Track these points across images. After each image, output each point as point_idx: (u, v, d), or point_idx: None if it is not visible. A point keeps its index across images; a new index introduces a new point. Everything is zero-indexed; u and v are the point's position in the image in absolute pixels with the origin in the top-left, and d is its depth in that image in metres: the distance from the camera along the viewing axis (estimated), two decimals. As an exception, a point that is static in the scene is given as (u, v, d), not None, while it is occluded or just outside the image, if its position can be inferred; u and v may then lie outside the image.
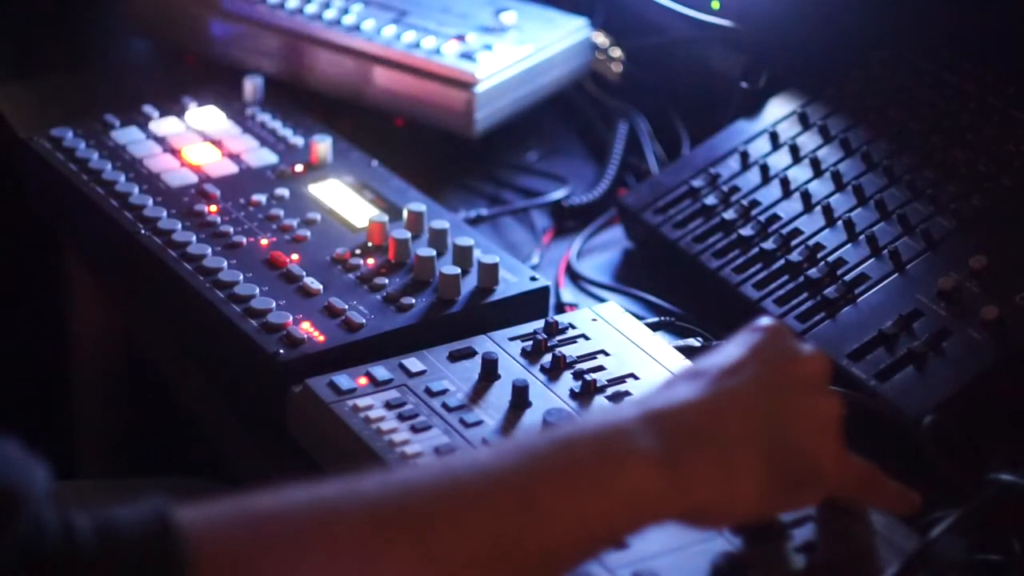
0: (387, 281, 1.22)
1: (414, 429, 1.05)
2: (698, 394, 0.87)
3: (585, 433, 0.84)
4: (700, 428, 0.86)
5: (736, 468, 0.86)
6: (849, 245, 1.25)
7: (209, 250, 1.25)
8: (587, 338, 1.16)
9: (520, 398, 1.08)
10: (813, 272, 1.23)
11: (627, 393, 1.09)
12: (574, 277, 1.38)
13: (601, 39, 1.63)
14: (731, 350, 0.91)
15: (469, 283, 1.22)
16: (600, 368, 1.12)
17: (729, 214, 1.32)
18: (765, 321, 0.93)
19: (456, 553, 0.78)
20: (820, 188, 1.31)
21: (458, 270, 1.21)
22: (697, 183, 1.37)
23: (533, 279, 1.23)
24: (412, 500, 0.79)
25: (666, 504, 0.84)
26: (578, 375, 1.11)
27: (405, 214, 1.29)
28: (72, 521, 0.73)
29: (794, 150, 1.36)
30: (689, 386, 0.88)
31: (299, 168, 1.38)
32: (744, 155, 1.38)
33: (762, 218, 1.31)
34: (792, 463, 0.88)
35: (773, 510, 0.92)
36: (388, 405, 1.07)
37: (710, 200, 1.34)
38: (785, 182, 1.33)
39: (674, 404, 0.87)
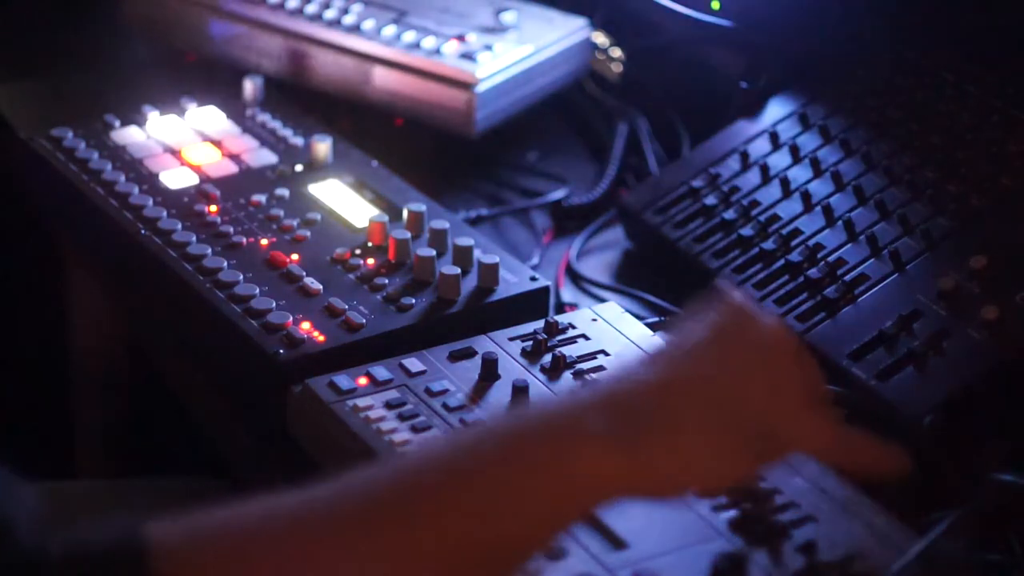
0: (387, 281, 1.22)
1: (414, 429, 1.05)
2: (654, 375, 0.87)
3: (539, 420, 0.85)
4: (655, 408, 0.85)
5: (692, 444, 0.85)
6: (849, 245, 1.25)
7: (209, 250, 1.25)
8: (587, 338, 1.16)
9: (520, 398, 1.08)
10: (813, 272, 1.23)
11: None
12: (574, 277, 1.38)
13: (601, 39, 1.63)
14: (692, 330, 0.90)
15: (469, 283, 1.22)
16: (600, 368, 1.12)
17: (729, 214, 1.32)
18: (728, 297, 0.92)
19: (419, 549, 0.79)
20: (820, 188, 1.31)
21: (458, 270, 1.21)
22: (697, 183, 1.37)
23: (533, 279, 1.23)
24: (372, 503, 0.80)
25: (625, 484, 0.84)
26: (578, 375, 1.11)
27: (405, 214, 1.29)
28: (46, 549, 0.74)
29: (794, 150, 1.36)
30: (646, 368, 0.88)
31: (299, 168, 1.38)
32: (744, 155, 1.38)
33: (762, 218, 1.31)
34: (747, 425, 0.86)
35: (734, 475, 0.88)
36: (388, 405, 1.07)
37: (710, 200, 1.34)
38: (785, 182, 1.33)
39: (629, 386, 0.86)
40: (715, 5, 1.50)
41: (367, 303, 1.19)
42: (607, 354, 1.14)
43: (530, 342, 1.14)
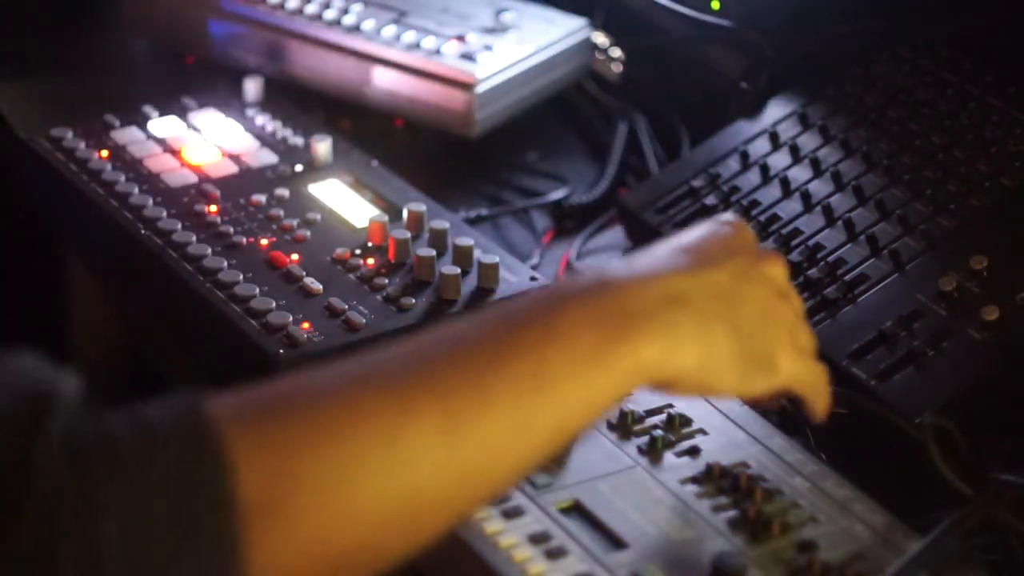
0: (387, 281, 1.22)
1: (414, 429, 1.05)
2: (682, 266, 0.90)
3: (585, 307, 0.86)
4: (687, 298, 0.88)
5: (713, 340, 0.89)
6: (849, 245, 1.25)
7: (209, 250, 1.25)
8: (587, 338, 1.16)
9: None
10: (813, 272, 1.23)
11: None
12: (574, 277, 1.38)
13: (601, 39, 1.63)
14: (702, 234, 0.94)
15: (469, 283, 1.22)
16: (600, 368, 1.12)
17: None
18: (730, 216, 0.97)
19: (477, 426, 0.80)
20: (820, 188, 1.31)
21: (458, 270, 1.21)
22: (697, 183, 1.37)
23: (533, 279, 1.23)
24: (432, 374, 0.81)
25: (659, 370, 0.87)
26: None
27: (405, 214, 1.29)
28: (107, 421, 0.74)
29: (794, 150, 1.36)
30: (672, 258, 0.91)
31: (299, 168, 1.38)
32: (744, 155, 1.38)
33: (762, 218, 1.31)
34: (753, 348, 0.91)
35: (736, 388, 0.92)
36: (388, 405, 1.07)
37: (710, 200, 1.34)
38: (785, 182, 1.33)
39: (663, 270, 0.90)
40: (715, 5, 1.50)
41: (367, 303, 1.19)
42: (607, 354, 1.14)
43: (530, 342, 1.14)
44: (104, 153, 1.37)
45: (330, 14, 1.55)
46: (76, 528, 0.70)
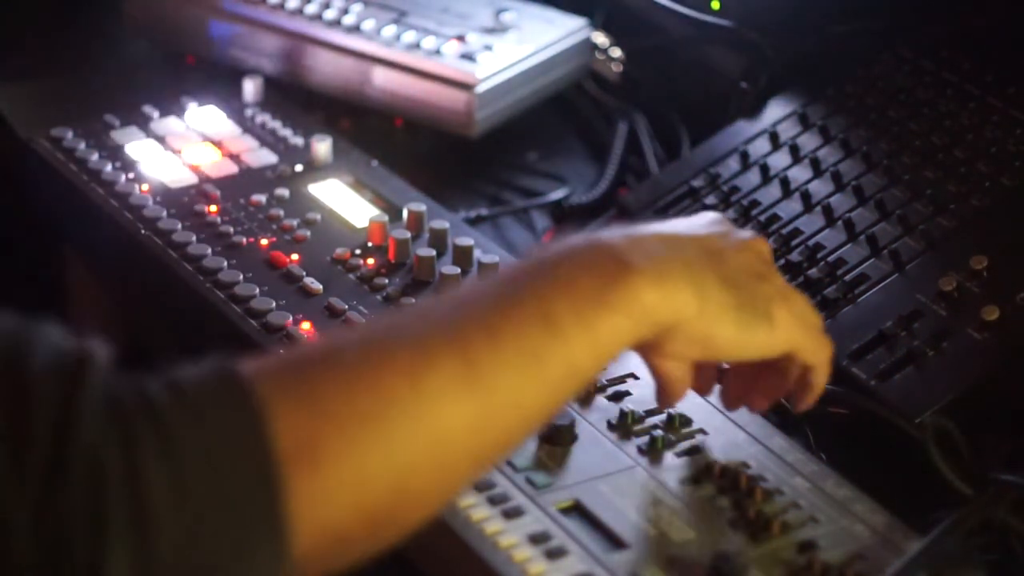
0: (387, 281, 1.22)
1: (414, 429, 1.05)
2: (667, 230, 0.95)
3: (581, 258, 0.89)
4: (675, 253, 0.92)
5: (705, 287, 0.92)
6: (849, 245, 1.25)
7: (209, 250, 1.25)
8: (587, 338, 1.16)
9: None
10: (813, 272, 1.23)
11: (627, 393, 1.09)
12: (574, 277, 1.38)
13: (601, 39, 1.63)
14: (685, 219, 0.99)
15: (469, 283, 1.22)
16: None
17: (729, 214, 1.32)
18: (710, 212, 1.01)
19: (494, 370, 0.83)
20: (820, 188, 1.31)
21: (458, 270, 1.21)
22: (697, 183, 1.37)
23: (533, 279, 1.23)
24: (448, 326, 0.84)
25: (658, 314, 0.90)
26: (578, 375, 1.11)
27: (405, 214, 1.29)
28: (141, 382, 0.76)
29: (794, 150, 1.36)
30: (657, 225, 0.95)
31: (299, 168, 1.38)
32: (744, 155, 1.38)
33: (762, 218, 1.31)
34: (746, 297, 0.94)
35: (736, 338, 0.94)
36: (388, 405, 1.07)
37: (710, 200, 1.34)
38: (785, 182, 1.33)
39: (650, 231, 0.93)
40: (715, 5, 1.50)
41: (367, 303, 1.19)
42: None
43: (530, 342, 1.14)
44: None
45: (330, 14, 1.55)
46: (122, 484, 0.72)
